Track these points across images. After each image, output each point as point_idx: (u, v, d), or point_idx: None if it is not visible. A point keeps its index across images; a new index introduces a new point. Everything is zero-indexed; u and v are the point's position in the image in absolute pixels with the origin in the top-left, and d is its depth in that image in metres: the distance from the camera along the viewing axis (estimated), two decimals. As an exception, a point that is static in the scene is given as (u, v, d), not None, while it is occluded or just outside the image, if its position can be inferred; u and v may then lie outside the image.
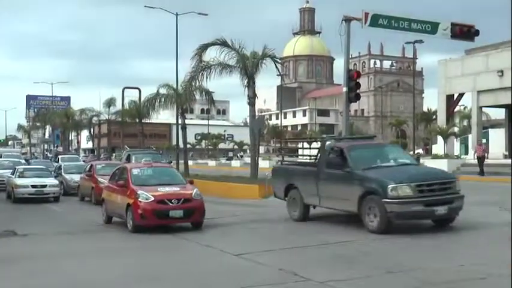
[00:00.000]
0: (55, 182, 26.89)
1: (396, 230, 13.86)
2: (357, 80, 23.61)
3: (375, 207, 13.92)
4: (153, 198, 15.49)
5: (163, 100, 46.31)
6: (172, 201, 15.57)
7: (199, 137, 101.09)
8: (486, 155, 37.09)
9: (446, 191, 14.24)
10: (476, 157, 36.37)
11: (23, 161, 42.78)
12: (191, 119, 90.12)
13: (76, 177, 28.69)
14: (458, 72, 49.92)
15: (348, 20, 23.24)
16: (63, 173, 30.78)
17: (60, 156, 52.51)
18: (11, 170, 29.97)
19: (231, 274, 10.61)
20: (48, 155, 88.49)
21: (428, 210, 13.85)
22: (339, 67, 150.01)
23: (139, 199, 15.50)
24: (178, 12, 45.85)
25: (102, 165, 27.28)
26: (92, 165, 27.16)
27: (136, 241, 14.90)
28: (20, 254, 13.29)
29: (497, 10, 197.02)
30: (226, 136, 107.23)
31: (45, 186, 25.95)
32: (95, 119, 75.70)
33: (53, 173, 30.29)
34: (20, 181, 26.43)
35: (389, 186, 13.68)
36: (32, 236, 15.98)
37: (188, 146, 51.72)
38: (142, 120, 54.19)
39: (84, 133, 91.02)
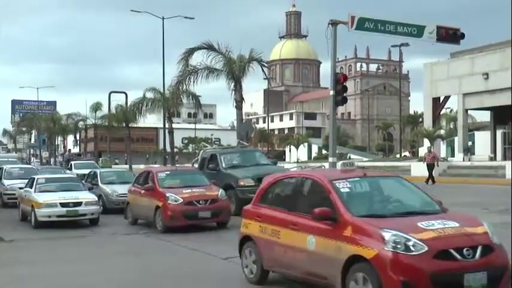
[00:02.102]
0: (92, 197, 19.28)
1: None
2: (344, 83, 23.67)
3: None
4: (425, 248, 7.32)
5: (150, 104, 46.32)
6: (464, 251, 7.35)
7: (186, 141, 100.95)
8: (436, 162, 34.31)
9: None
10: (426, 164, 34.07)
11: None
12: (178, 123, 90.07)
13: (121, 189, 21.82)
14: (443, 75, 50.18)
15: (334, 23, 23.29)
16: (100, 184, 23.55)
17: (72, 163, 43.81)
18: (23, 181, 22.68)
19: (218, 278, 10.58)
20: (34, 160, 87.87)
21: None
22: (325, 70, 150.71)
23: (389, 248, 7.29)
24: (164, 17, 45.91)
25: (166, 172, 19.22)
26: (150, 174, 18.82)
27: (123, 245, 14.84)
28: (5, 260, 13.17)
29: (482, 13, 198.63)
30: (213, 140, 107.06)
31: (79, 204, 18.41)
32: (81, 123, 75.37)
33: (84, 184, 22.01)
34: (43, 197, 18.58)
35: None
36: (18, 241, 15.86)
37: (175, 150, 51.69)
38: (129, 125, 54.07)
39: (71, 138, 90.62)
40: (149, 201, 17.37)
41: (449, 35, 24.70)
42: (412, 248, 7.25)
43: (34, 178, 20.77)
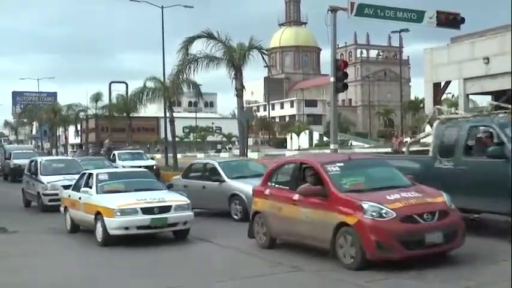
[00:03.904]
0: (182, 198, 13.76)
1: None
2: (344, 70, 23.63)
3: None
4: None
5: (150, 93, 46.29)
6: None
7: (187, 130, 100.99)
8: (404, 149, 29.68)
9: None
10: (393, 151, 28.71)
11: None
12: (179, 112, 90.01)
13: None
14: (444, 60, 50.00)
15: (333, 10, 23.22)
16: (227, 180, 16.80)
17: (116, 152, 36.90)
18: (67, 177, 19.30)
19: (222, 266, 10.63)
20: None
21: None
22: (325, 57, 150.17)
23: None
24: (163, 5, 45.83)
25: (339, 165, 11.06)
26: (309, 166, 11.36)
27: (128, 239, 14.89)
28: (8, 250, 13.21)
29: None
30: (214, 128, 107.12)
31: (167, 208, 13.05)
32: (82, 114, 75.38)
33: (163, 182, 16.22)
34: (115, 200, 13.15)
35: None
36: (21, 233, 15.88)
37: (176, 139, 51.70)
38: (130, 115, 54.06)
39: (72, 129, 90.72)
40: (318, 214, 10.45)
41: (449, 20, 24.65)
42: None
43: (91, 173, 14.92)
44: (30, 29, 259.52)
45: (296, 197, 10.96)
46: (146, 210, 12.80)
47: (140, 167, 24.82)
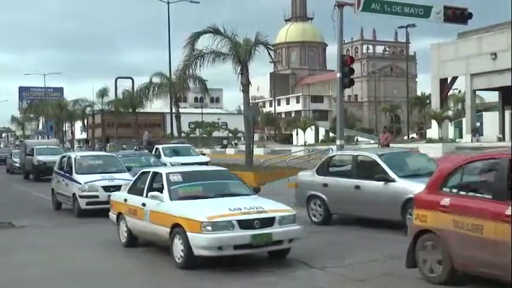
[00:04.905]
0: (285, 208, 10.43)
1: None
2: (351, 66, 23.57)
3: None
4: None
5: (156, 89, 46.39)
6: None
7: (193, 126, 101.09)
8: (389, 144, 28.74)
9: None
10: (379, 147, 28.26)
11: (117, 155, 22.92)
12: (185, 107, 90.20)
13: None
14: (451, 56, 49.96)
15: (340, 5, 23.15)
16: (396, 177, 12.54)
17: (160, 147, 31.35)
18: (105, 177, 17.53)
19: (228, 263, 10.59)
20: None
21: None
22: (332, 53, 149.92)
23: None
24: (170, 1, 45.90)
25: None
26: None
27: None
28: (15, 245, 13.23)
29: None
30: (220, 124, 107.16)
31: (270, 222, 9.81)
32: (88, 109, 75.58)
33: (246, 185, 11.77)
34: (199, 211, 9.84)
35: None
36: (29, 227, 15.89)
37: (182, 134, 51.79)
38: (136, 110, 54.18)
39: (78, 124, 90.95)
40: None
41: (457, 15, 24.51)
42: None
43: (157, 173, 11.63)
44: (37, 23, 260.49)
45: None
46: (244, 224, 9.57)
47: (191, 164, 22.10)
